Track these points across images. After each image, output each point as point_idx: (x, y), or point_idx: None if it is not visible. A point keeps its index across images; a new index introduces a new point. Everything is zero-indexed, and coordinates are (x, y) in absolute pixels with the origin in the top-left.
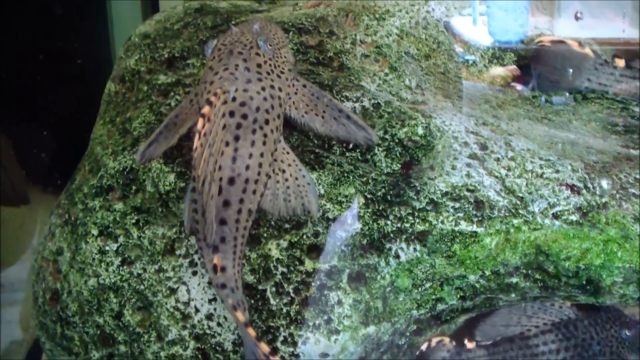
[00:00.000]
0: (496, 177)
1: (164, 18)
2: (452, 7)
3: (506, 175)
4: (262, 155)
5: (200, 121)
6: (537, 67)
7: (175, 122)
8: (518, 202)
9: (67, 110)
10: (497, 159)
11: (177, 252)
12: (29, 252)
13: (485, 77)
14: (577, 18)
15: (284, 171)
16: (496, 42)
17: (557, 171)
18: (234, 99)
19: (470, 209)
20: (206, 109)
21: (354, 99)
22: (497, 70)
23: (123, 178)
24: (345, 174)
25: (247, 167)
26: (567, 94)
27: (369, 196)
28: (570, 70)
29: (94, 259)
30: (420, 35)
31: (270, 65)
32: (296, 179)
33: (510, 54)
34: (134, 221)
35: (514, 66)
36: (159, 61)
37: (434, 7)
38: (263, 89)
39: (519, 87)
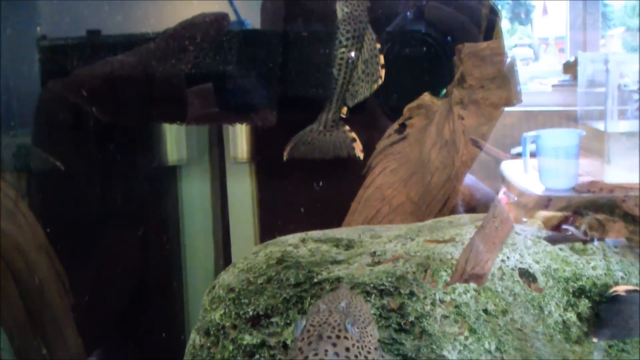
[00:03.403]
0: None
1: (247, 267)
2: (526, 253)
3: None
4: None
5: None
6: (612, 316)
7: None
8: None
9: (131, 297)
10: None
11: None
12: None
13: (535, 219)
14: None
15: None
16: (547, 190)
17: None
18: None
19: None
20: None
21: None
22: (545, 214)
23: None
24: None
25: None
26: None
27: None
28: None
29: None
30: (497, 289)
31: (357, 347)
32: None
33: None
34: None
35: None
36: (243, 318)
37: (508, 256)
38: None
39: (570, 228)
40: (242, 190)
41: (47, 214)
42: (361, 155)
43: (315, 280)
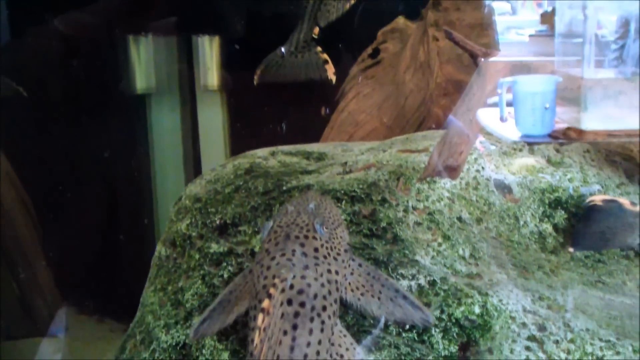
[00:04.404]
0: None
1: (214, 179)
2: (501, 164)
3: (566, 359)
4: (319, 342)
5: (260, 316)
6: (588, 226)
7: (229, 299)
8: None
9: (101, 227)
10: (556, 341)
11: None
12: None
13: (514, 166)
14: None
15: (342, 356)
16: (523, 136)
17: (618, 353)
18: (291, 287)
19: None
20: (266, 303)
21: (410, 277)
22: (525, 160)
23: (176, 353)
24: (403, 357)
25: (305, 356)
26: (620, 252)
27: None
28: (623, 229)
29: None
30: (471, 197)
31: (326, 248)
32: None
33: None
34: None
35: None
36: (210, 227)
37: (483, 166)
38: (320, 274)
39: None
40: (212, 118)
41: (12, 142)
42: (333, 78)
43: (284, 188)
